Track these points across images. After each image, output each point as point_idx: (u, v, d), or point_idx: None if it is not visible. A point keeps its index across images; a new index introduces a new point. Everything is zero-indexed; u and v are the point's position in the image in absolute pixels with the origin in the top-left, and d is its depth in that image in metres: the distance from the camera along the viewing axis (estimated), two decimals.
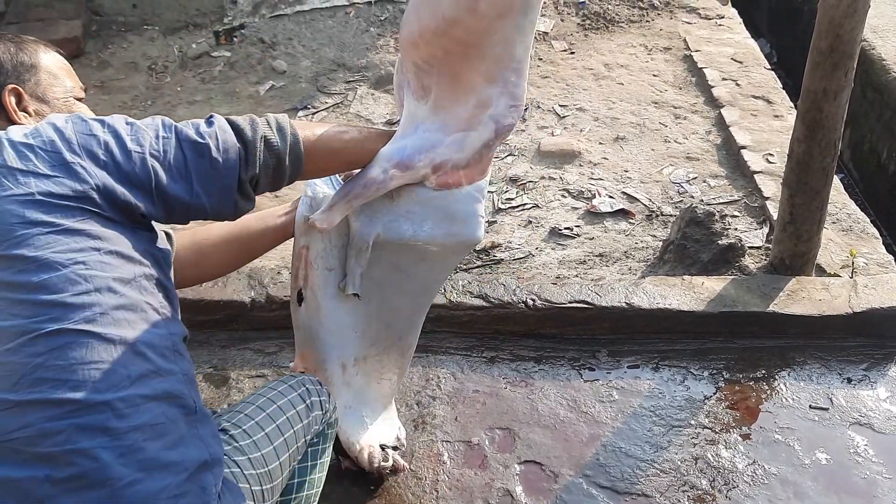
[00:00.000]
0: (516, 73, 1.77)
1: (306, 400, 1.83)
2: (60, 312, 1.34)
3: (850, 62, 2.66)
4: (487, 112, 1.79)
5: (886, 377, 2.77)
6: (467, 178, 1.87)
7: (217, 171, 1.53)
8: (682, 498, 2.36)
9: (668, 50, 4.83)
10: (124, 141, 1.47)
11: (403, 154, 1.81)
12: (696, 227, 3.11)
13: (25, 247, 1.35)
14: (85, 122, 1.48)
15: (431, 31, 1.71)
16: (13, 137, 1.44)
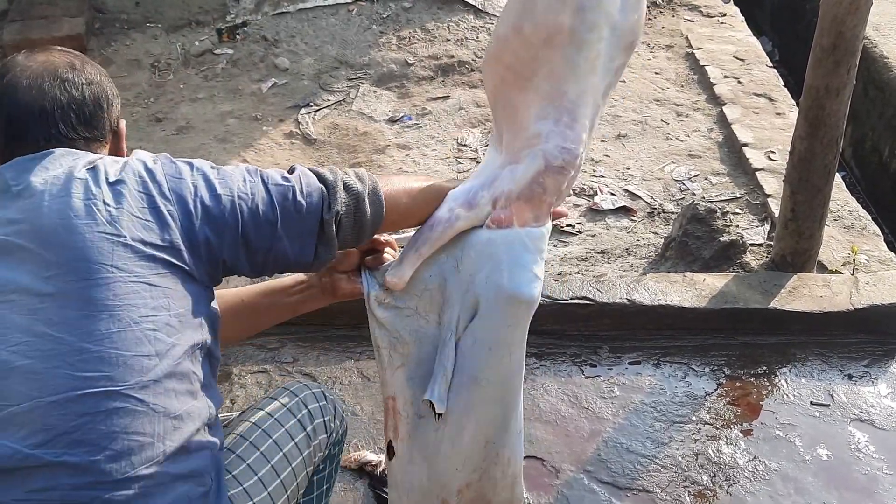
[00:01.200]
0: (569, 114, 1.64)
1: (307, 427, 1.70)
2: (118, 372, 1.29)
3: (852, 59, 2.67)
4: (537, 147, 1.67)
5: (887, 374, 2.77)
6: (518, 217, 1.71)
7: (300, 215, 1.50)
8: (682, 493, 2.36)
9: (670, 48, 4.83)
10: (213, 185, 1.46)
11: (469, 193, 1.73)
12: (697, 224, 3.11)
13: (106, 291, 1.31)
14: (174, 165, 1.47)
15: (491, 54, 1.68)
16: (108, 170, 1.41)
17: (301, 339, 2.92)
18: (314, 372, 2.79)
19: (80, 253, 1.32)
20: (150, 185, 1.41)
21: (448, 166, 3.81)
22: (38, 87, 1.48)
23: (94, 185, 1.38)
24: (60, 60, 1.53)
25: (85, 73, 1.53)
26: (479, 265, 1.72)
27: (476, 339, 1.74)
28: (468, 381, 1.75)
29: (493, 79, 1.70)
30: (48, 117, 1.48)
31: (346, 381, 2.76)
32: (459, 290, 1.74)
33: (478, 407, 1.78)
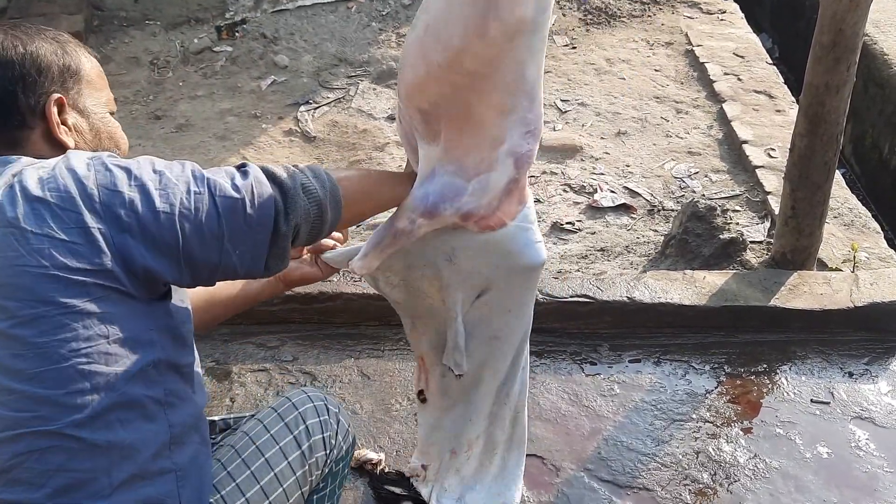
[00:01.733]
0: (528, 97, 1.64)
1: (303, 445, 1.64)
2: (49, 412, 1.23)
3: (852, 57, 2.66)
4: (502, 148, 1.67)
5: (888, 371, 2.77)
6: (507, 214, 1.76)
7: (250, 228, 1.37)
8: (683, 491, 2.36)
9: (669, 45, 4.83)
10: (152, 199, 1.30)
11: (427, 202, 1.71)
12: (697, 222, 3.11)
13: (31, 328, 1.22)
14: (109, 173, 1.30)
15: (438, 65, 1.58)
16: (27, 185, 1.27)
17: (301, 337, 2.92)
18: (314, 370, 2.78)
19: (2, 290, 1.23)
20: (78, 199, 1.26)
21: None
22: None
23: (10, 208, 1.25)
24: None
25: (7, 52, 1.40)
26: (480, 259, 1.81)
27: (493, 306, 1.88)
28: (487, 340, 1.93)
29: (437, 90, 1.63)
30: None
31: (346, 380, 2.76)
32: (458, 277, 1.84)
33: (496, 360, 1.97)
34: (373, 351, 2.85)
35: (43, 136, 1.41)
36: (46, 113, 1.41)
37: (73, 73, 1.46)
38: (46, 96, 1.41)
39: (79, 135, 1.45)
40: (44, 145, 1.41)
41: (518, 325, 1.94)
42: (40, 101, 1.41)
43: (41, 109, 1.41)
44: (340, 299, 2.91)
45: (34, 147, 1.40)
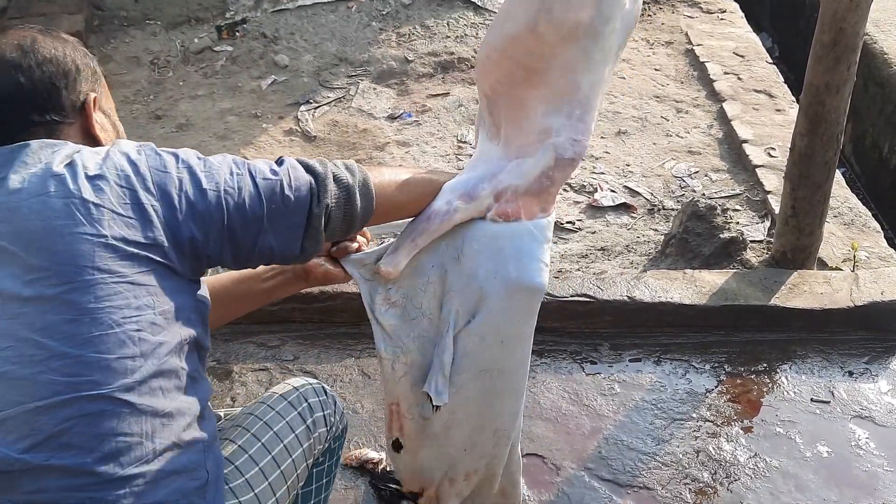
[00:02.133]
0: (582, 107, 1.65)
1: (307, 420, 1.71)
2: (102, 376, 1.28)
3: (852, 56, 2.67)
4: (548, 141, 1.67)
5: (888, 370, 2.77)
6: (526, 211, 1.72)
7: (287, 208, 1.47)
8: (683, 490, 2.36)
9: (669, 44, 4.83)
10: (199, 179, 1.41)
11: (468, 185, 1.71)
12: (697, 221, 3.11)
13: (87, 294, 1.29)
14: (159, 157, 1.41)
15: (497, 49, 1.63)
16: (87, 164, 1.35)
17: (301, 336, 2.92)
18: (315, 370, 2.79)
19: (61, 256, 1.29)
20: (133, 178, 1.37)
21: (448, 163, 3.81)
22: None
23: (72, 182, 1.33)
24: (8, 44, 1.46)
25: (36, 54, 1.45)
26: (482, 258, 1.73)
27: (485, 335, 1.76)
28: (477, 374, 1.79)
29: (496, 74, 1.67)
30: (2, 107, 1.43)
31: (347, 379, 2.76)
32: (460, 281, 1.75)
33: (490, 398, 1.83)
34: (373, 350, 2.83)
35: (80, 131, 1.48)
36: (87, 110, 1.49)
37: (99, 75, 1.55)
38: (86, 94, 1.49)
39: (105, 133, 1.52)
40: (79, 140, 1.46)
41: (510, 361, 1.82)
42: (80, 98, 1.48)
43: (81, 106, 1.48)
44: (341, 299, 2.91)
45: (71, 140, 1.44)
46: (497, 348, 1.78)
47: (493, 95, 1.71)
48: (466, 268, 1.74)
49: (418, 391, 1.82)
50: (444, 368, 1.77)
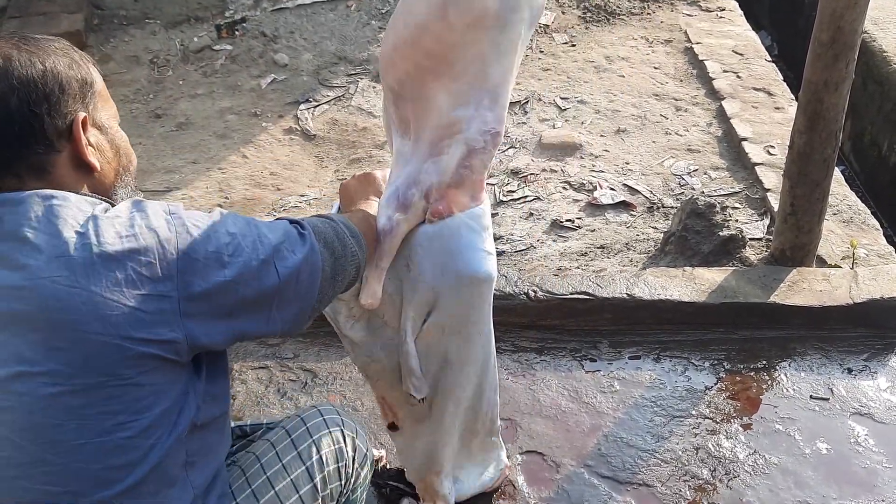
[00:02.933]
0: (490, 95, 1.65)
1: (315, 477, 1.58)
2: (80, 486, 1.20)
3: (851, 53, 2.67)
4: (458, 136, 1.68)
5: (887, 367, 2.78)
6: (456, 204, 1.74)
7: (299, 296, 1.40)
8: (682, 487, 2.37)
9: (669, 42, 4.83)
10: (224, 268, 1.28)
11: (398, 195, 1.72)
12: (697, 219, 3.12)
13: (80, 398, 1.19)
14: (190, 236, 1.26)
15: (404, 41, 1.60)
16: (104, 240, 1.21)
17: (301, 335, 2.92)
18: (314, 368, 2.79)
19: (59, 355, 1.18)
20: (157, 266, 1.23)
21: None
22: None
23: (81, 265, 1.19)
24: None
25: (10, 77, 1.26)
26: (427, 261, 1.76)
27: (444, 328, 1.81)
28: (441, 366, 1.86)
29: (403, 66, 1.64)
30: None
31: (347, 377, 2.76)
32: (412, 288, 1.79)
33: (456, 387, 1.90)
34: None
35: (70, 159, 1.32)
36: (74, 134, 1.32)
37: (90, 86, 1.37)
38: (72, 115, 1.32)
39: (101, 153, 1.37)
40: (70, 169, 1.32)
41: (471, 351, 1.88)
42: (66, 121, 1.31)
43: (67, 130, 1.31)
44: None
45: (60, 172, 1.31)
46: (456, 339, 1.83)
47: (400, 89, 1.69)
48: (414, 273, 1.78)
49: (396, 388, 1.91)
50: (415, 371, 1.84)
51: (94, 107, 1.37)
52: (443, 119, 1.67)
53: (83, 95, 1.35)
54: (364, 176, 1.87)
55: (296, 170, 3.85)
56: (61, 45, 1.37)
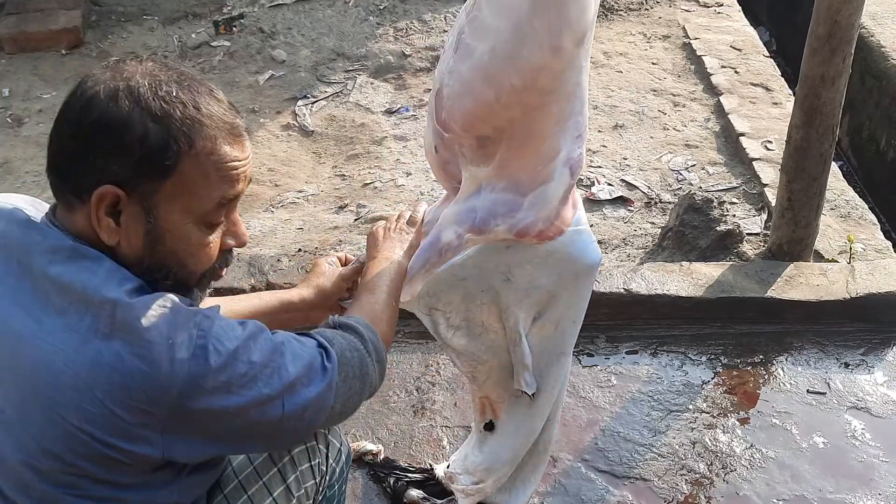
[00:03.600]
0: (580, 100, 1.58)
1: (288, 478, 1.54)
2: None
3: (847, 48, 2.67)
4: (559, 158, 1.61)
5: (884, 362, 2.78)
6: (565, 224, 1.71)
7: (296, 432, 1.33)
8: (679, 482, 2.37)
9: (666, 38, 4.83)
10: (229, 396, 1.17)
11: (475, 218, 1.66)
12: (694, 214, 3.12)
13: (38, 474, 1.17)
14: (206, 363, 1.16)
15: (513, 88, 1.49)
16: (118, 332, 1.13)
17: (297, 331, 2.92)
18: None
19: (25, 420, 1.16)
20: (160, 381, 1.13)
21: None
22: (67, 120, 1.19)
23: (86, 349, 1.12)
24: (102, 82, 1.18)
25: (95, 109, 1.16)
26: (542, 272, 1.76)
27: (560, 321, 1.85)
28: (557, 358, 1.91)
29: (507, 115, 1.55)
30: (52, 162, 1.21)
31: None
32: (516, 296, 1.79)
33: (563, 375, 1.97)
34: None
35: (88, 216, 1.19)
36: (92, 201, 1.17)
37: (161, 171, 1.17)
38: (99, 183, 1.16)
39: (126, 238, 1.21)
40: (88, 224, 1.20)
41: (574, 337, 1.93)
42: (92, 181, 1.17)
43: (88, 190, 1.17)
44: None
45: (79, 220, 1.20)
46: (572, 328, 1.89)
47: (496, 135, 1.60)
48: (521, 284, 1.77)
49: (504, 385, 1.94)
50: (528, 367, 1.86)
51: (156, 192, 1.19)
52: (546, 144, 1.60)
53: (137, 173, 1.17)
54: (398, 228, 1.79)
55: (294, 165, 3.85)
56: (172, 101, 1.20)
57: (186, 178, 1.19)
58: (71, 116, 1.17)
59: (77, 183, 1.18)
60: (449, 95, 1.57)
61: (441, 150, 1.68)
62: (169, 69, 1.23)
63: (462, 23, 1.54)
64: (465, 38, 1.53)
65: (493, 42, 1.48)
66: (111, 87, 1.16)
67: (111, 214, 1.18)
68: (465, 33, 1.52)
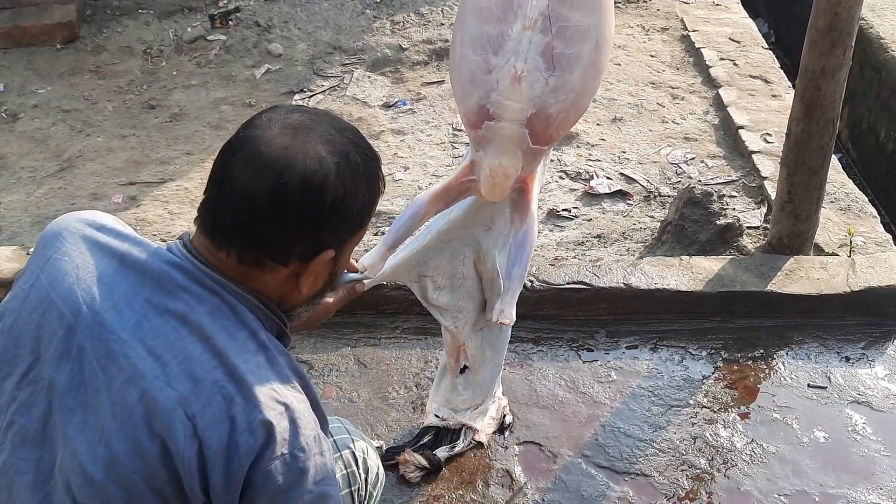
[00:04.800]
0: None
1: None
2: None
3: (848, 40, 2.65)
4: None
5: (884, 355, 2.77)
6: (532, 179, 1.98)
7: None
8: (680, 477, 2.36)
9: (665, 30, 4.81)
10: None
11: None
12: (693, 208, 3.10)
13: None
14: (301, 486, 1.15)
15: (589, 91, 1.76)
16: (240, 435, 1.13)
17: None
18: (311, 359, 2.78)
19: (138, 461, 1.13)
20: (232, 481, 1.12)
21: (443, 151, 3.80)
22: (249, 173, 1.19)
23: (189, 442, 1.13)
24: (320, 161, 1.18)
25: (317, 182, 1.17)
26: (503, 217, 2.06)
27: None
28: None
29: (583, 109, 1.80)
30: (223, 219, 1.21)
31: (343, 368, 2.75)
32: (495, 241, 2.09)
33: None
34: (369, 339, 2.85)
35: (288, 276, 1.24)
36: (311, 265, 1.23)
37: (361, 224, 1.27)
38: (325, 250, 1.23)
39: (314, 282, 1.29)
40: (280, 283, 1.24)
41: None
42: (316, 250, 1.22)
43: (310, 256, 1.22)
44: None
45: (271, 279, 1.23)
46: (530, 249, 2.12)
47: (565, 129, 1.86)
48: (501, 227, 2.06)
49: (476, 327, 2.22)
50: (503, 297, 1.96)
51: (345, 241, 1.27)
52: None
53: (348, 231, 1.25)
54: None
55: None
56: (380, 175, 1.27)
57: (368, 221, 1.29)
58: (289, 186, 1.16)
59: (290, 256, 1.21)
60: (562, 110, 1.71)
61: (529, 165, 1.82)
62: (335, 121, 1.26)
63: (538, 44, 1.65)
64: (561, 51, 1.65)
65: (594, 37, 1.67)
66: (329, 162, 1.19)
67: None
68: (558, 47, 1.65)
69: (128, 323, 1.16)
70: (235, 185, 1.18)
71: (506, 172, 1.77)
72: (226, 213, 1.20)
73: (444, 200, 1.94)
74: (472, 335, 2.25)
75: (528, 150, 1.74)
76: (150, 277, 1.18)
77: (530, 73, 1.64)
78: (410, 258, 2.07)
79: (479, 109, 1.71)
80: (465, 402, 2.40)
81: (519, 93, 1.66)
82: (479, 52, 1.68)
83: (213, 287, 1.19)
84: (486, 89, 1.69)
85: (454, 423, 2.41)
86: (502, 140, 1.72)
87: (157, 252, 1.21)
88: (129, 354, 1.14)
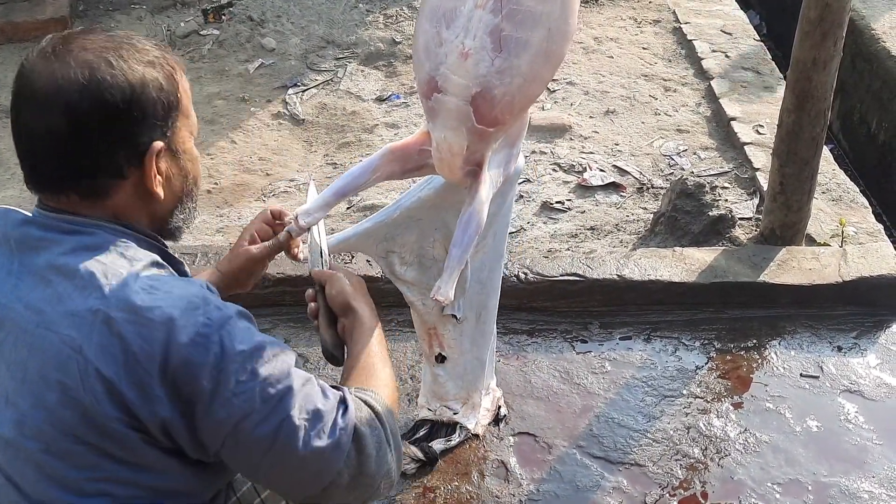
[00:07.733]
0: None
1: None
2: None
3: (839, 31, 2.67)
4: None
5: (876, 345, 2.79)
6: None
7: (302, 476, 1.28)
8: (674, 466, 2.38)
9: (657, 22, 4.82)
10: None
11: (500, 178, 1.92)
12: (686, 199, 3.12)
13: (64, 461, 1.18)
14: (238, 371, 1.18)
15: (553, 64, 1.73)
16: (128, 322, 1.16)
17: (293, 319, 2.92)
18: (307, 353, 2.79)
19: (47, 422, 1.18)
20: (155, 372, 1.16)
21: None
22: (37, 104, 1.22)
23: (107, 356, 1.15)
24: (70, 65, 1.20)
25: (91, 92, 1.19)
26: None
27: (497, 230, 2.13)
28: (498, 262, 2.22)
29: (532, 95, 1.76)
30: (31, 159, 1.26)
31: None
32: None
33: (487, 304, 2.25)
34: None
35: (133, 186, 1.26)
36: (145, 165, 1.25)
37: (175, 108, 1.28)
38: (148, 144, 1.24)
39: (167, 182, 1.30)
40: (131, 197, 1.26)
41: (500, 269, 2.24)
42: (140, 149, 1.24)
43: (138, 159, 1.24)
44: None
45: (120, 198, 1.26)
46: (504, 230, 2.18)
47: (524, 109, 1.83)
48: None
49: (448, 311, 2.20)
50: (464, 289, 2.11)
51: (174, 130, 1.29)
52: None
53: (166, 120, 1.26)
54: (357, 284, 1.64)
55: (285, 154, 3.83)
56: (158, 55, 1.28)
57: (184, 109, 1.31)
58: (69, 107, 1.19)
59: (122, 164, 1.23)
60: (506, 92, 1.68)
61: (475, 145, 1.78)
62: (91, 33, 1.27)
63: (487, 23, 1.63)
64: (509, 34, 1.63)
65: (546, 25, 1.64)
66: (93, 65, 1.20)
67: (157, 171, 1.27)
68: (506, 29, 1.63)
69: (5, 289, 1.22)
70: (27, 131, 1.24)
71: (450, 148, 1.76)
72: (38, 161, 1.25)
73: (399, 162, 1.87)
74: (441, 318, 2.21)
75: (472, 129, 1.72)
76: (14, 242, 1.24)
77: (477, 52, 1.63)
78: (377, 230, 2.06)
79: (429, 80, 1.72)
80: (450, 394, 2.39)
81: (465, 69, 1.66)
82: (434, 24, 1.69)
83: (70, 228, 1.23)
84: (436, 62, 1.69)
85: (447, 419, 2.41)
86: (448, 114, 1.72)
87: (11, 217, 1.27)
88: (11, 317, 1.21)
